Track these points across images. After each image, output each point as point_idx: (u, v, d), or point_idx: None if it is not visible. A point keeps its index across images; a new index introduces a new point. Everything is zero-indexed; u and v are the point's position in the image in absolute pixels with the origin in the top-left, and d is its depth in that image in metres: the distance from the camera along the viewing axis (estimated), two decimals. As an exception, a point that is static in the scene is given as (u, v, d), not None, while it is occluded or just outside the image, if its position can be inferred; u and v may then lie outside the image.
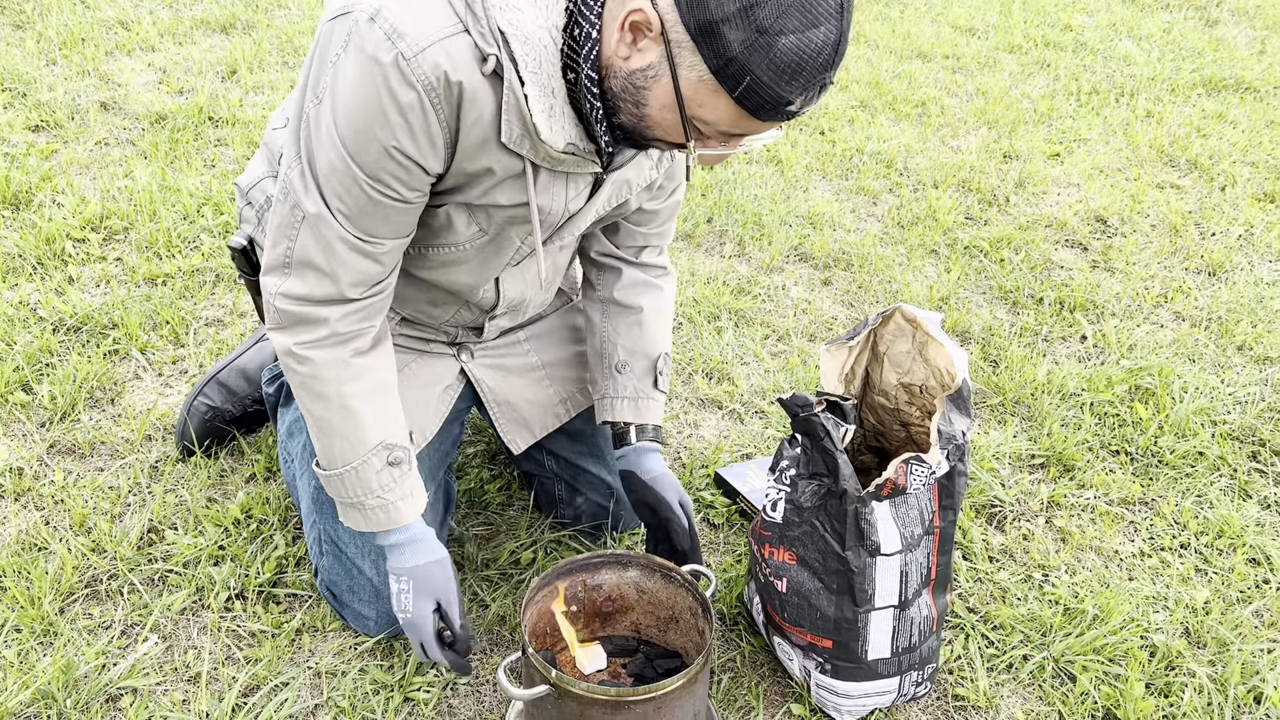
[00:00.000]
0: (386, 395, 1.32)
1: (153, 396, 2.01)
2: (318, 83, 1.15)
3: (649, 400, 1.55)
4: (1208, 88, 3.95)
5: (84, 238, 2.46)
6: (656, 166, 1.36)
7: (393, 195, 1.18)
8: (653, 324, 1.57)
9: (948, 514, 1.38)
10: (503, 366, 1.59)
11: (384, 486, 1.33)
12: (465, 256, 1.35)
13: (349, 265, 1.22)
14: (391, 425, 1.32)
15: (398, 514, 1.34)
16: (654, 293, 1.58)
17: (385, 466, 1.31)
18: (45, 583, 1.58)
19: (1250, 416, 2.14)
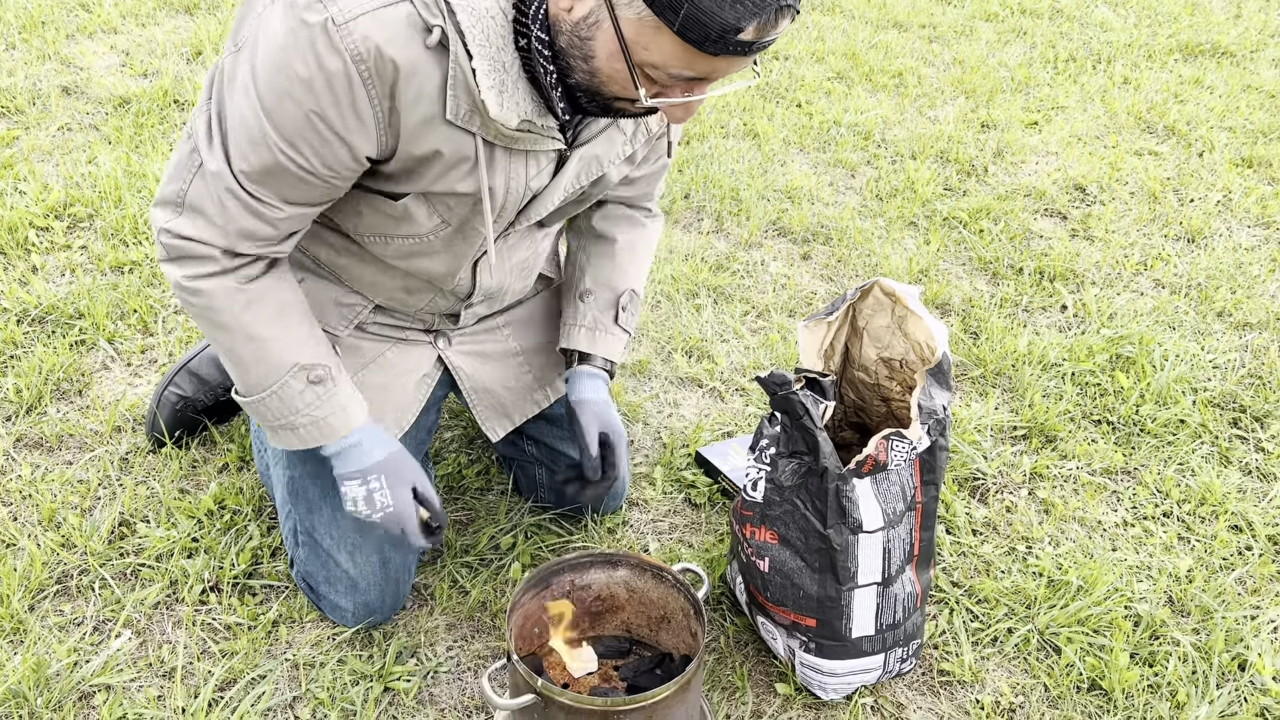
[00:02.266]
0: (290, 316, 1.26)
1: (121, 387, 1.97)
2: (239, 31, 1.10)
3: (606, 333, 1.53)
4: (1184, 53, 3.93)
5: (47, 226, 2.41)
6: (630, 141, 1.30)
7: (304, 165, 1.12)
8: (624, 258, 1.53)
9: (929, 489, 1.37)
10: (481, 353, 1.55)
11: (310, 405, 1.28)
12: (432, 247, 1.31)
13: (238, 222, 1.17)
14: (303, 347, 1.27)
15: (331, 429, 1.30)
16: (633, 228, 1.55)
17: (307, 386, 1.27)
18: (14, 580, 1.54)
19: (1230, 383, 2.14)
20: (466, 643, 1.54)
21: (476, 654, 1.52)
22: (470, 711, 1.43)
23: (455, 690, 1.47)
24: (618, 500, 1.73)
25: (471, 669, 1.50)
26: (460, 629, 1.56)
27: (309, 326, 1.29)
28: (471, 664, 1.51)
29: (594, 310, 1.52)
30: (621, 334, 1.53)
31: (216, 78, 1.13)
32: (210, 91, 1.14)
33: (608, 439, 1.50)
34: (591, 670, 1.43)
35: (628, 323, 1.53)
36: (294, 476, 1.49)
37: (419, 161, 1.17)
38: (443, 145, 1.15)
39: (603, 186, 1.36)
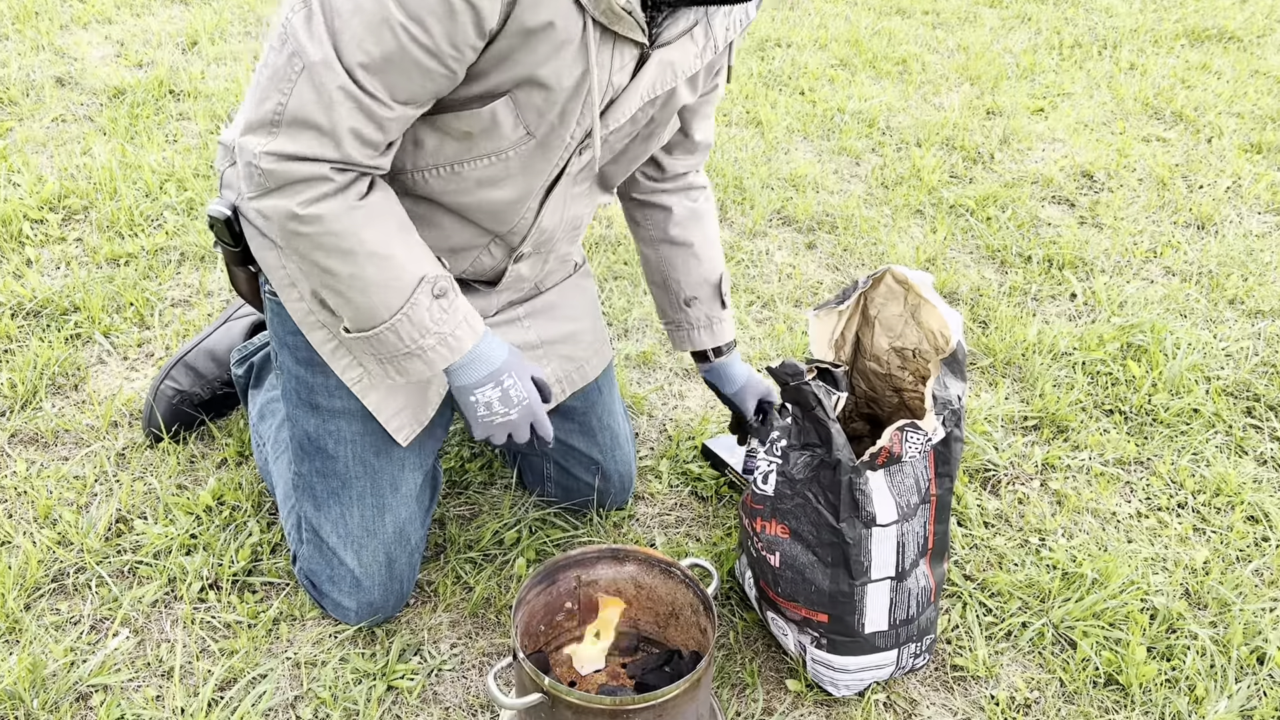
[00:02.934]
0: (408, 230, 1.21)
1: (118, 381, 1.94)
2: None
3: (720, 323, 1.64)
4: (1191, 38, 3.89)
5: (42, 218, 2.37)
6: (701, 54, 1.25)
7: (428, 45, 1.05)
8: (707, 253, 1.62)
9: (944, 481, 1.34)
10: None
11: (438, 321, 1.22)
12: (508, 170, 1.24)
13: (348, 124, 1.08)
14: (424, 258, 1.22)
15: (459, 342, 1.25)
16: (703, 223, 1.61)
17: (433, 301, 1.21)
18: (9, 579, 1.51)
19: (1244, 371, 2.11)
20: (470, 640, 1.51)
21: (481, 651, 1.49)
22: (475, 710, 1.40)
23: (460, 689, 1.44)
24: (624, 495, 1.70)
25: (476, 666, 1.47)
26: (464, 626, 1.53)
27: (419, 238, 1.24)
28: (476, 661, 1.48)
29: (704, 309, 1.62)
30: (729, 314, 1.65)
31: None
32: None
33: (761, 403, 1.67)
34: (599, 668, 1.40)
35: (729, 301, 1.65)
36: (300, 473, 1.46)
37: (528, 36, 1.09)
38: (556, 16, 1.08)
39: (670, 111, 1.33)
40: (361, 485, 1.44)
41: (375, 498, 1.45)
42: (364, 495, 1.44)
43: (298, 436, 1.45)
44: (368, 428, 1.42)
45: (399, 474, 1.46)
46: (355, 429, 1.42)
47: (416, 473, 1.48)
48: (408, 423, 1.43)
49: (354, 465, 1.44)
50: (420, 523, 1.51)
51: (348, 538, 1.45)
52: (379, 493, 1.45)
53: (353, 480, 1.44)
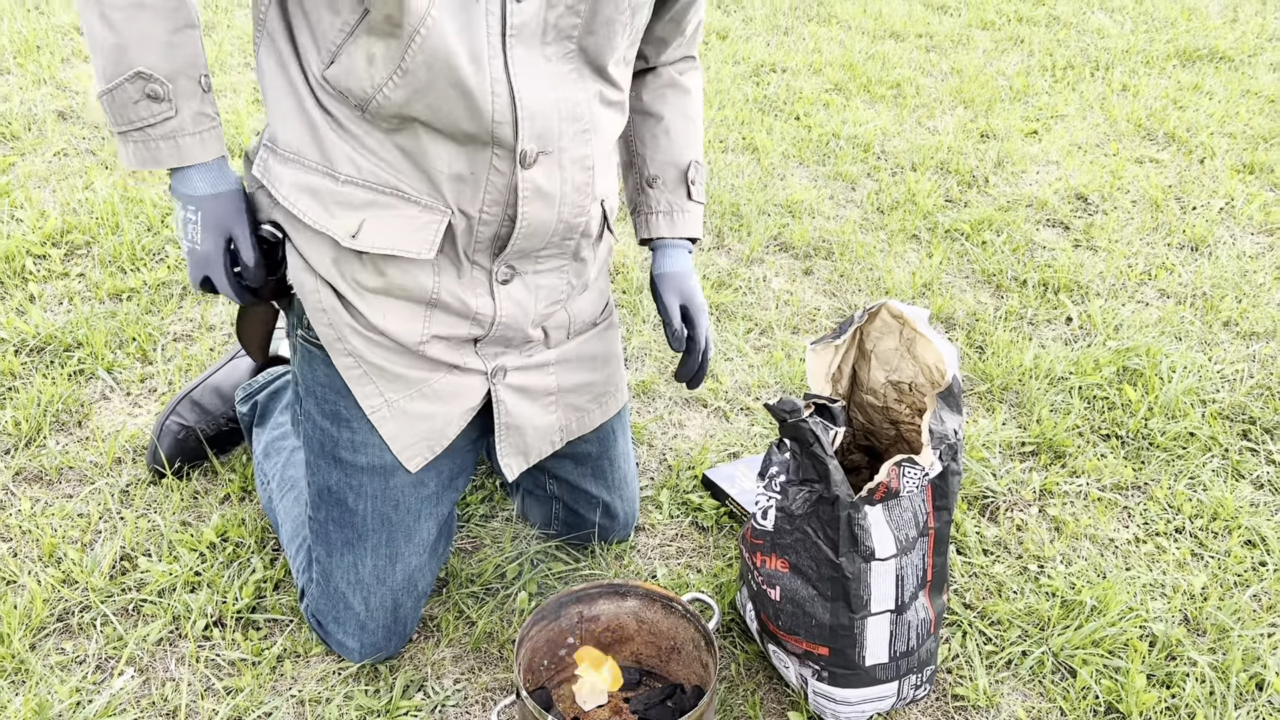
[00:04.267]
0: (149, 18, 1.20)
1: (121, 417, 1.96)
2: None
3: (683, 213, 1.53)
4: (1182, 59, 3.92)
5: (45, 254, 2.39)
6: None
7: None
8: (679, 130, 1.50)
9: (942, 515, 1.35)
10: (525, 390, 1.47)
11: (142, 120, 1.23)
12: (443, 36, 1.16)
13: None
14: (149, 53, 1.21)
15: (154, 154, 1.25)
16: (679, 96, 1.51)
17: (145, 99, 1.22)
18: (14, 619, 1.52)
19: (1240, 394, 2.12)
20: (474, 675, 1.52)
21: (484, 686, 1.50)
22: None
23: (463, 725, 1.44)
24: (628, 531, 1.71)
25: (479, 702, 1.48)
26: (467, 660, 1.54)
27: (165, 38, 1.22)
28: (479, 696, 1.49)
29: (666, 194, 1.51)
30: (696, 207, 1.52)
31: None
32: None
33: (688, 312, 1.52)
34: (601, 703, 1.41)
35: (699, 195, 1.51)
36: (316, 519, 1.46)
37: None
38: None
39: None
40: (377, 538, 1.45)
41: (389, 548, 1.46)
42: (379, 547, 1.45)
43: (318, 485, 1.46)
44: (389, 484, 1.43)
45: (414, 525, 1.47)
46: (377, 485, 1.43)
47: (431, 523, 1.49)
48: (420, 452, 1.43)
49: (372, 519, 1.44)
50: (430, 570, 1.52)
51: (358, 584, 1.45)
52: (393, 543, 1.46)
53: (369, 533, 1.45)
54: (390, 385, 1.38)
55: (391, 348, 1.37)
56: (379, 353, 1.36)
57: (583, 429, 1.57)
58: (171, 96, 1.22)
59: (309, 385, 1.43)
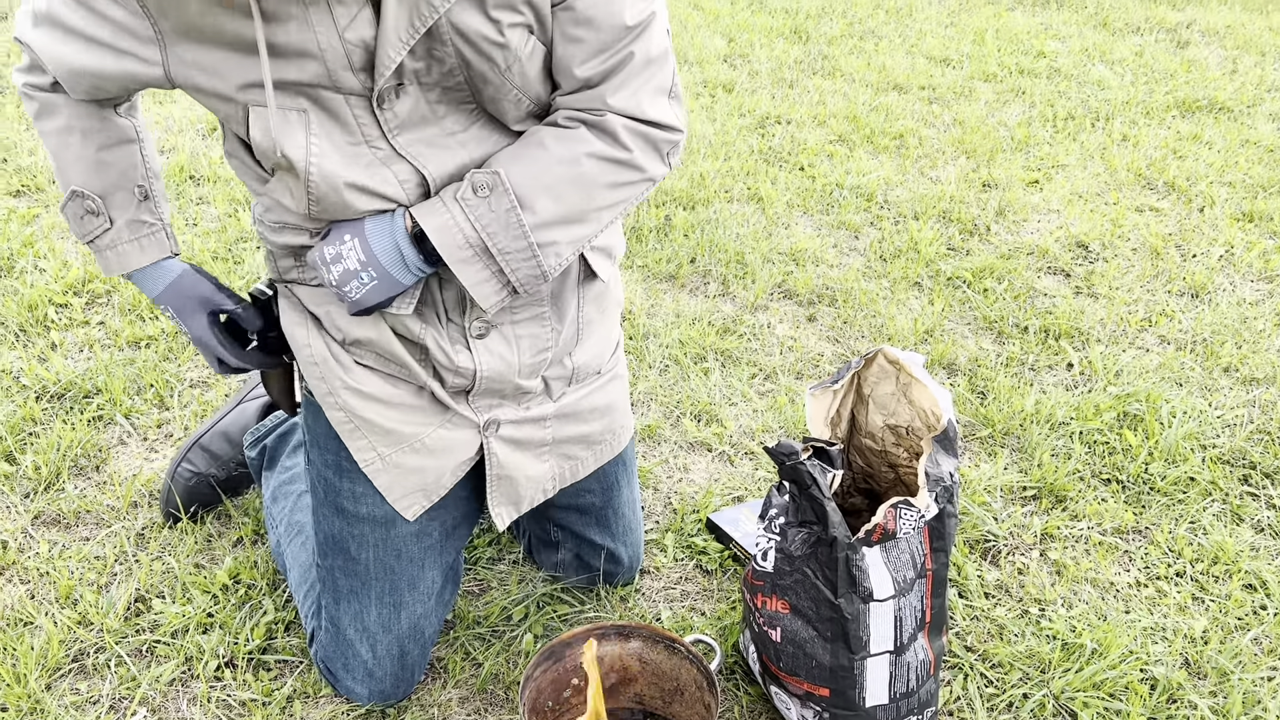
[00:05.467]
0: (77, 141, 1.32)
1: (138, 462, 2.00)
2: None
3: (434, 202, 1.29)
4: (1182, 109, 3.99)
5: (66, 303, 2.46)
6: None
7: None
8: (510, 148, 1.24)
9: (939, 556, 1.38)
10: (518, 442, 1.48)
11: (88, 233, 1.37)
12: (322, 151, 1.18)
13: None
14: (80, 173, 1.34)
15: (106, 263, 1.39)
16: (537, 130, 1.25)
17: (86, 214, 1.35)
18: (31, 659, 1.56)
19: (1239, 439, 2.14)
20: (480, 716, 1.54)
21: (490, 728, 1.52)
22: (484, 787, 1.43)
23: (469, 765, 1.46)
24: (632, 574, 1.74)
25: (485, 743, 1.50)
26: (473, 702, 1.56)
27: (91, 159, 1.34)
28: (485, 737, 1.51)
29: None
30: (442, 205, 1.22)
31: None
32: None
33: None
34: (605, 743, 1.43)
35: (464, 196, 1.21)
36: (323, 566, 1.50)
37: (190, 28, 1.12)
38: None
39: (477, 40, 1.14)
40: (381, 586, 1.48)
41: (393, 596, 1.48)
42: (383, 595, 1.48)
43: (323, 533, 1.49)
44: (390, 534, 1.46)
45: (418, 574, 1.50)
46: (379, 535, 1.46)
47: (436, 571, 1.51)
48: (417, 501, 1.46)
49: (375, 568, 1.47)
50: (436, 617, 1.54)
51: (364, 632, 1.48)
52: (397, 592, 1.49)
53: (373, 582, 1.48)
54: (382, 440, 1.41)
55: (384, 401, 1.39)
56: (371, 407, 1.39)
57: (575, 477, 1.58)
58: (104, 209, 1.36)
59: (313, 435, 1.47)
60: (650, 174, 1.25)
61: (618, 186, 1.23)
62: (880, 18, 5.07)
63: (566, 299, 1.41)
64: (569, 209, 1.21)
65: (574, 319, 1.44)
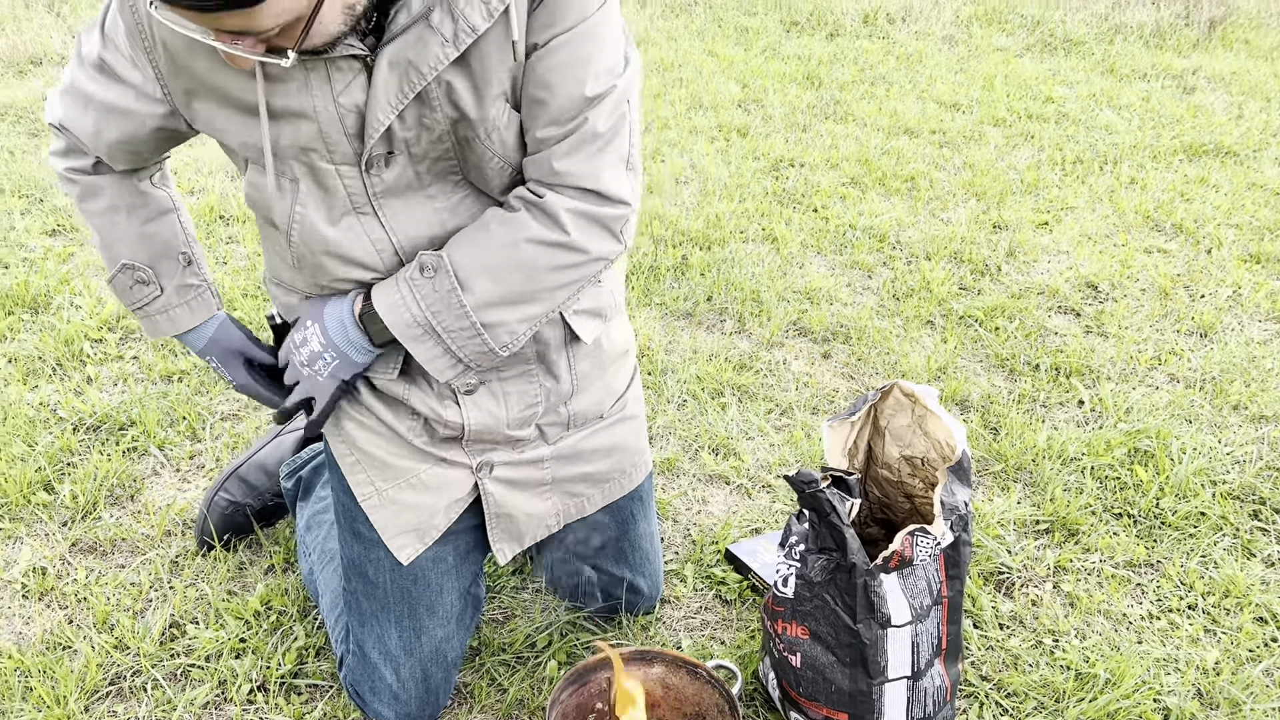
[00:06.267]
0: (123, 219, 1.41)
1: (171, 492, 2.05)
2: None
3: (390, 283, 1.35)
4: (1189, 153, 4.05)
5: (101, 338, 2.53)
6: (454, 43, 1.13)
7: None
8: (464, 233, 1.29)
9: (955, 584, 1.42)
10: (515, 482, 1.52)
11: (139, 301, 1.47)
12: (308, 218, 1.27)
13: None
14: (128, 247, 1.43)
15: (156, 326, 1.48)
16: (494, 215, 1.29)
17: (136, 284, 1.45)
18: (70, 682, 1.60)
19: (1249, 475, 2.18)
20: (506, 740, 1.57)
21: (516, 752, 1.56)
22: (511, 809, 1.46)
23: (496, 788, 1.50)
24: (652, 603, 1.78)
25: (511, 766, 1.53)
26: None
27: (136, 233, 1.42)
28: (511, 761, 1.54)
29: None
30: (394, 285, 1.29)
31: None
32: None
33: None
34: (629, 766, 1.46)
35: (412, 277, 1.27)
36: (348, 589, 1.55)
37: (197, 83, 1.22)
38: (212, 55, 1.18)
39: (464, 110, 1.20)
40: (399, 610, 1.52)
41: (412, 620, 1.53)
42: (401, 619, 1.53)
43: (345, 557, 1.55)
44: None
45: (436, 599, 1.54)
46: (393, 559, 1.50)
47: (453, 595, 1.55)
48: (410, 543, 1.49)
49: (392, 591, 1.52)
50: (459, 641, 1.58)
51: (387, 655, 1.53)
52: (415, 616, 1.53)
53: (391, 605, 1.52)
54: (380, 474, 1.47)
55: (383, 434, 1.46)
56: (372, 439, 1.46)
57: (582, 512, 1.61)
58: (155, 279, 1.45)
59: (332, 463, 1.53)
60: (595, 253, 1.27)
61: (561, 269, 1.27)
62: (890, 64, 5.17)
63: (553, 359, 1.46)
64: (510, 290, 1.26)
65: (567, 375, 1.48)
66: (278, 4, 1.00)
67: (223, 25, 1.02)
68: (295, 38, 1.06)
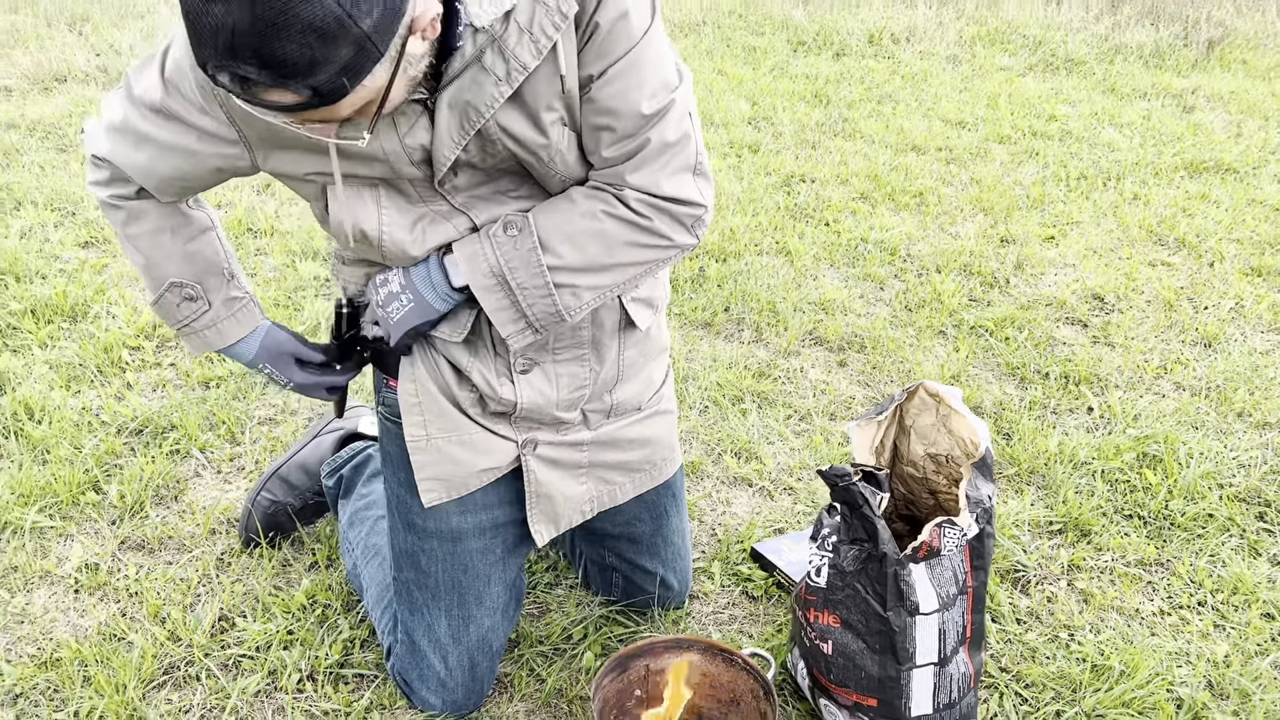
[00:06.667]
0: (167, 240, 1.47)
1: (214, 493, 2.13)
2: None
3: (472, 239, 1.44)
4: (1190, 170, 4.15)
5: (138, 345, 2.60)
6: (507, 81, 1.22)
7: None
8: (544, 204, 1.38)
9: (979, 574, 1.49)
10: (556, 462, 1.59)
11: (187, 318, 1.51)
12: (393, 224, 1.36)
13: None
14: (175, 266, 1.48)
15: (204, 342, 1.53)
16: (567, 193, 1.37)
17: (184, 301, 1.50)
18: (128, 671, 1.67)
19: (1254, 479, 2.25)
20: (546, 728, 1.64)
21: (556, 738, 1.62)
22: (554, 791, 1.53)
23: (538, 772, 1.56)
24: (683, 598, 1.85)
25: (552, 751, 1.60)
26: (539, 715, 1.66)
27: (180, 252, 1.48)
28: (552, 746, 1.61)
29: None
30: (476, 238, 1.37)
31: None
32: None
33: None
34: (667, 751, 1.53)
35: (495, 233, 1.36)
36: (398, 579, 1.61)
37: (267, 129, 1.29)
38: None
39: (521, 139, 1.28)
40: (449, 599, 1.59)
41: (461, 610, 1.60)
42: (451, 608, 1.60)
43: (397, 547, 1.61)
44: (457, 549, 1.58)
45: (484, 589, 1.61)
46: (446, 549, 1.57)
47: (500, 586, 1.63)
48: (438, 490, 1.54)
49: (443, 581, 1.59)
50: (503, 631, 1.65)
51: (436, 644, 1.60)
52: (465, 605, 1.60)
53: (442, 594, 1.59)
54: (436, 420, 1.52)
55: (446, 391, 1.51)
56: (438, 387, 1.51)
57: (614, 501, 1.68)
58: (203, 294, 1.52)
59: (387, 456, 1.60)
60: (675, 241, 1.37)
61: (638, 246, 1.35)
62: (896, 83, 5.28)
63: (606, 343, 1.54)
64: (587, 258, 1.34)
65: (614, 361, 1.56)
66: (353, 97, 1.09)
67: (307, 119, 1.12)
68: (370, 117, 1.15)
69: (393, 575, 1.64)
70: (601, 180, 1.34)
